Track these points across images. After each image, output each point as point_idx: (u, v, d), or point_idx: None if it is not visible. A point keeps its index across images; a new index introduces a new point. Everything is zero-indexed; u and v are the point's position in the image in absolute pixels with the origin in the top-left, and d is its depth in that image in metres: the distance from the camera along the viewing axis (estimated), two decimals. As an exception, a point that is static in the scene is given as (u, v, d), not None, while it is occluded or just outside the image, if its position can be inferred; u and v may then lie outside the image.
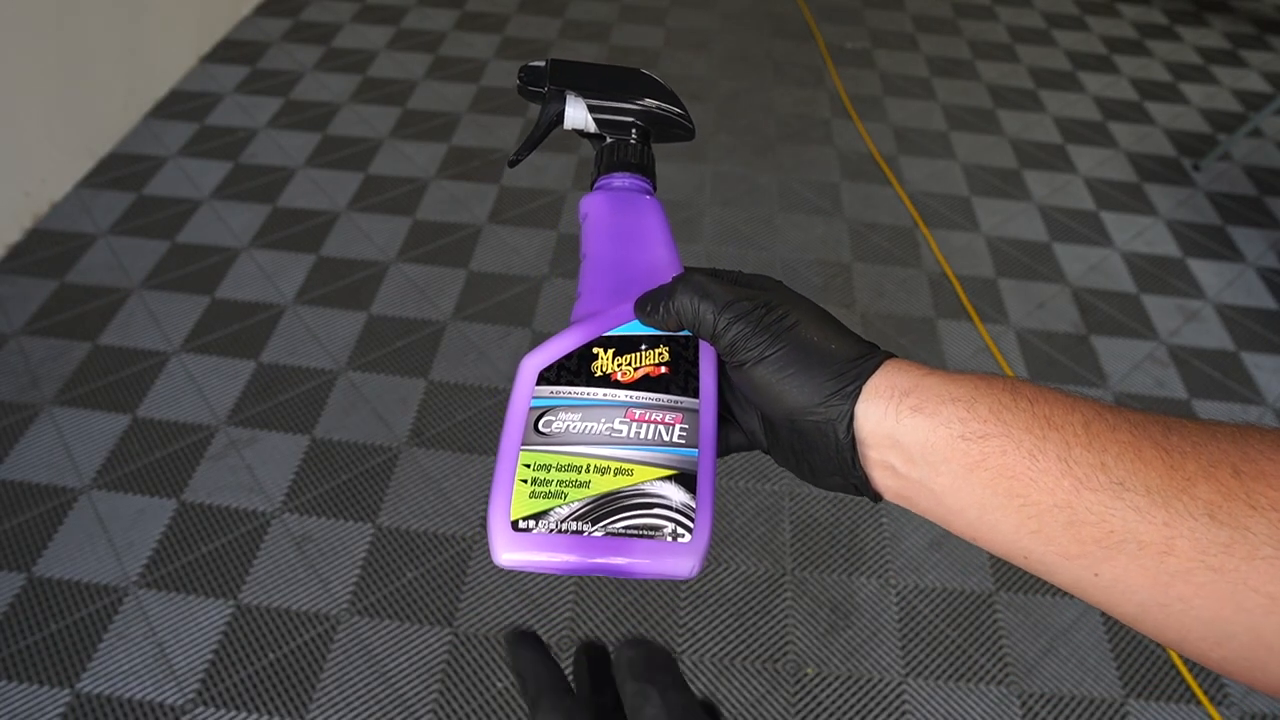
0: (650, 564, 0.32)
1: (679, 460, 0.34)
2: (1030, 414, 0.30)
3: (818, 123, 2.38)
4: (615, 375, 0.35)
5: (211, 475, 1.41)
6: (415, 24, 2.72)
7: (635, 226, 0.40)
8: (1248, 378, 1.71)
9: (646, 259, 0.39)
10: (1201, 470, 0.26)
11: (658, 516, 0.33)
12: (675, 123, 0.43)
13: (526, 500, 0.33)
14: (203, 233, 1.88)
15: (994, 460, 0.29)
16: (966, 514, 0.30)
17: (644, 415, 0.35)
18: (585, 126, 0.42)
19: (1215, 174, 2.29)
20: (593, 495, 0.33)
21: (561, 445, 0.34)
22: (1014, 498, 0.29)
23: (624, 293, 0.38)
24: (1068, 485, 0.28)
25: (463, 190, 2.05)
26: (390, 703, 1.16)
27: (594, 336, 0.36)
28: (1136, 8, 3.15)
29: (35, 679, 1.15)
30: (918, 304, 1.83)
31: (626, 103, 0.42)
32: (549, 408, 0.35)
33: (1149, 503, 0.26)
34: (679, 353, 0.36)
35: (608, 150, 0.42)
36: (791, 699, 1.19)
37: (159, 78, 2.29)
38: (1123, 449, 0.28)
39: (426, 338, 1.67)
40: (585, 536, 0.32)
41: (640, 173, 0.41)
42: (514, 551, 0.32)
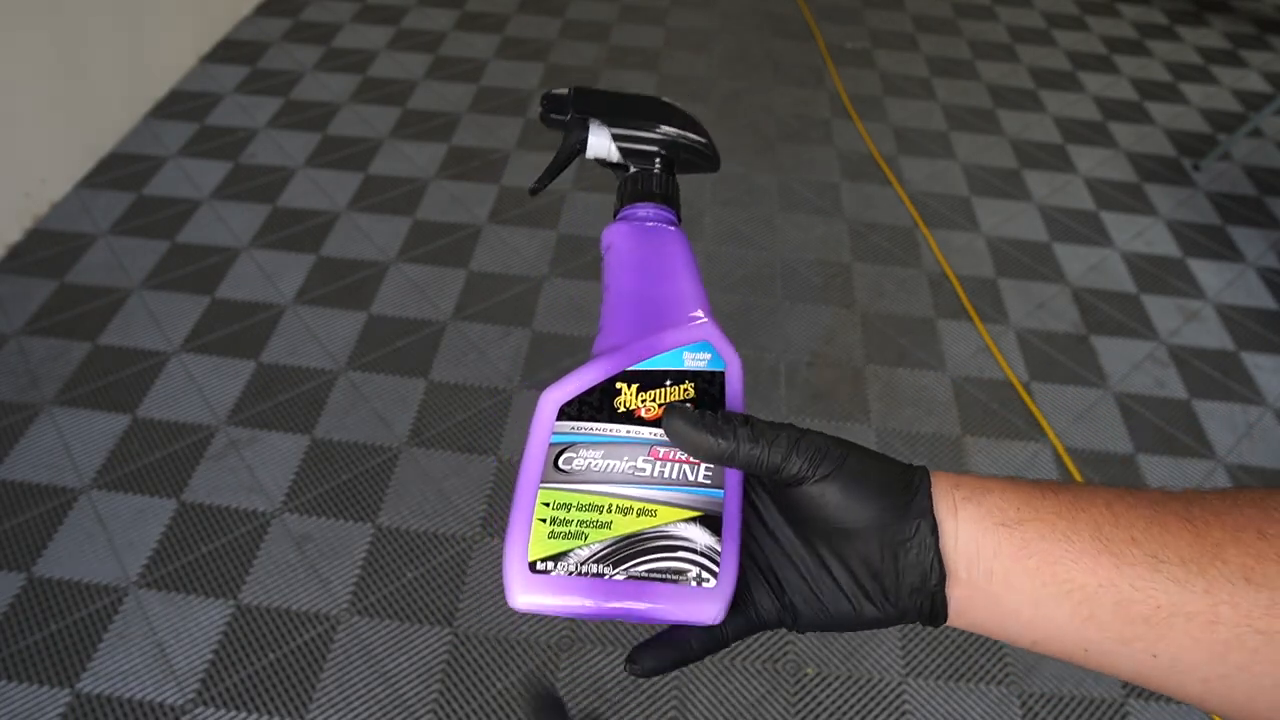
0: (673, 610, 0.31)
1: (704, 501, 0.32)
2: (1056, 499, 0.31)
3: (818, 123, 2.38)
4: (639, 411, 0.34)
5: (211, 475, 1.41)
6: (415, 24, 2.72)
7: (659, 258, 0.39)
8: (1248, 378, 1.71)
9: (671, 292, 0.39)
10: (1228, 536, 0.27)
11: (682, 560, 0.31)
12: (699, 152, 0.42)
13: (545, 540, 0.32)
14: (203, 233, 1.88)
15: (1035, 545, 0.30)
16: (1022, 613, 0.30)
17: (668, 454, 0.33)
18: (608, 156, 0.42)
19: (1215, 174, 2.29)
20: (615, 536, 0.32)
21: (582, 484, 0.33)
22: (1061, 584, 0.29)
23: (648, 326, 0.37)
24: (1107, 563, 0.28)
25: (463, 190, 2.05)
26: (390, 703, 1.16)
27: (617, 371, 0.35)
28: (1136, 8, 3.15)
29: (35, 679, 1.15)
30: (918, 304, 1.82)
31: (651, 132, 0.41)
32: (570, 444, 0.34)
33: (1185, 572, 0.27)
34: (704, 389, 0.35)
35: (631, 180, 0.41)
36: (791, 699, 1.19)
37: (159, 78, 2.29)
38: (1148, 523, 0.29)
39: (426, 338, 1.67)
40: (606, 580, 0.31)
41: (664, 203, 0.41)
42: (531, 594, 0.31)
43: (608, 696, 1.18)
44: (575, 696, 1.18)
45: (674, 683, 1.20)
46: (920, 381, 1.66)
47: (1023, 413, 1.61)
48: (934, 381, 1.66)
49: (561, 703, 0.28)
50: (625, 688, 1.19)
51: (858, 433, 1.55)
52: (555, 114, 0.42)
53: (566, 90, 0.42)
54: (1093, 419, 1.60)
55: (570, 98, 0.42)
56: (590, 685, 1.19)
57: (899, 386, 1.64)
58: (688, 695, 1.18)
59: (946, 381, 1.66)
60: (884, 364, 1.69)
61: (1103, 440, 1.57)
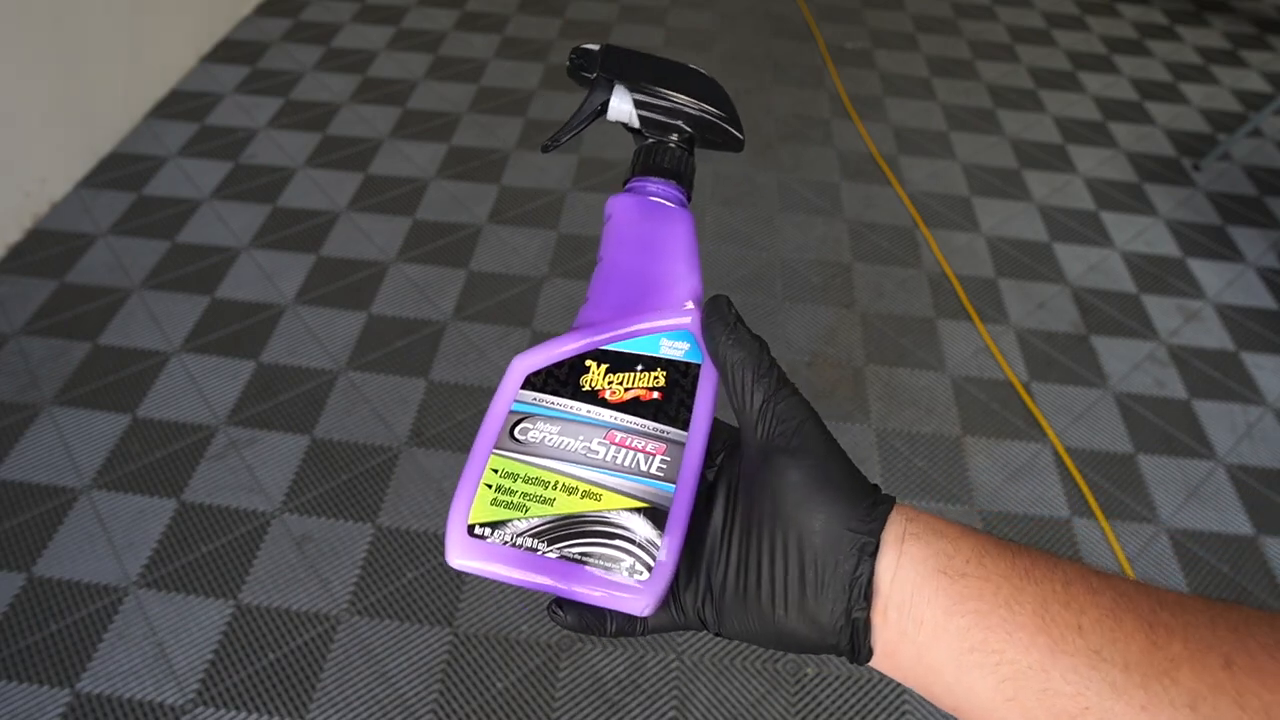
0: (601, 596, 0.31)
1: (653, 493, 0.32)
2: (1011, 565, 0.28)
3: (818, 123, 2.38)
4: (604, 393, 0.34)
5: (211, 475, 1.41)
6: (415, 24, 2.72)
7: (660, 237, 0.38)
8: (1248, 378, 1.71)
9: (665, 273, 0.37)
10: (1189, 654, 0.24)
11: (618, 549, 0.31)
12: (724, 130, 0.40)
13: (487, 506, 0.32)
14: (203, 233, 1.88)
15: (971, 604, 0.27)
16: (945, 674, 0.28)
17: (625, 440, 0.33)
18: (629, 121, 0.40)
19: (1215, 174, 2.29)
20: (555, 514, 0.32)
21: (533, 456, 0.33)
22: (990, 653, 0.27)
23: (634, 305, 0.36)
24: (1043, 644, 0.26)
25: (463, 190, 2.05)
26: (390, 703, 1.16)
27: (590, 348, 0.35)
28: (1136, 8, 3.15)
29: (35, 679, 1.15)
30: (918, 304, 1.83)
31: (675, 103, 0.39)
32: (529, 414, 0.34)
33: (1126, 680, 0.24)
34: (676, 380, 0.34)
35: (645, 151, 0.39)
36: (791, 699, 1.19)
37: (159, 78, 2.29)
38: (1102, 614, 0.26)
39: (426, 338, 1.67)
40: (538, 555, 0.31)
41: (676, 180, 0.39)
42: (465, 557, 0.31)
43: (608, 696, 1.18)
44: (575, 696, 1.18)
45: (674, 683, 1.20)
46: (920, 381, 1.66)
47: (1023, 413, 1.61)
48: (934, 381, 1.66)
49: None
50: (625, 688, 1.19)
51: (858, 433, 1.55)
52: (583, 70, 0.40)
53: (597, 46, 0.40)
54: (1093, 419, 1.60)
55: (599, 55, 0.40)
56: (590, 685, 1.19)
57: (899, 386, 1.64)
58: (688, 695, 1.18)
59: (946, 381, 1.66)
60: (884, 364, 1.69)
61: (1103, 440, 1.57)
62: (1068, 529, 1.42)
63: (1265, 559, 1.40)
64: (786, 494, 0.31)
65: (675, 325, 0.36)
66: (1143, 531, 1.43)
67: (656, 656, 1.22)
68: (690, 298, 0.37)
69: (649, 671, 1.21)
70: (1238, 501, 1.48)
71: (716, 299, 0.35)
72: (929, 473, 1.49)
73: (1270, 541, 1.42)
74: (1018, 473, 1.50)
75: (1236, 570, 1.38)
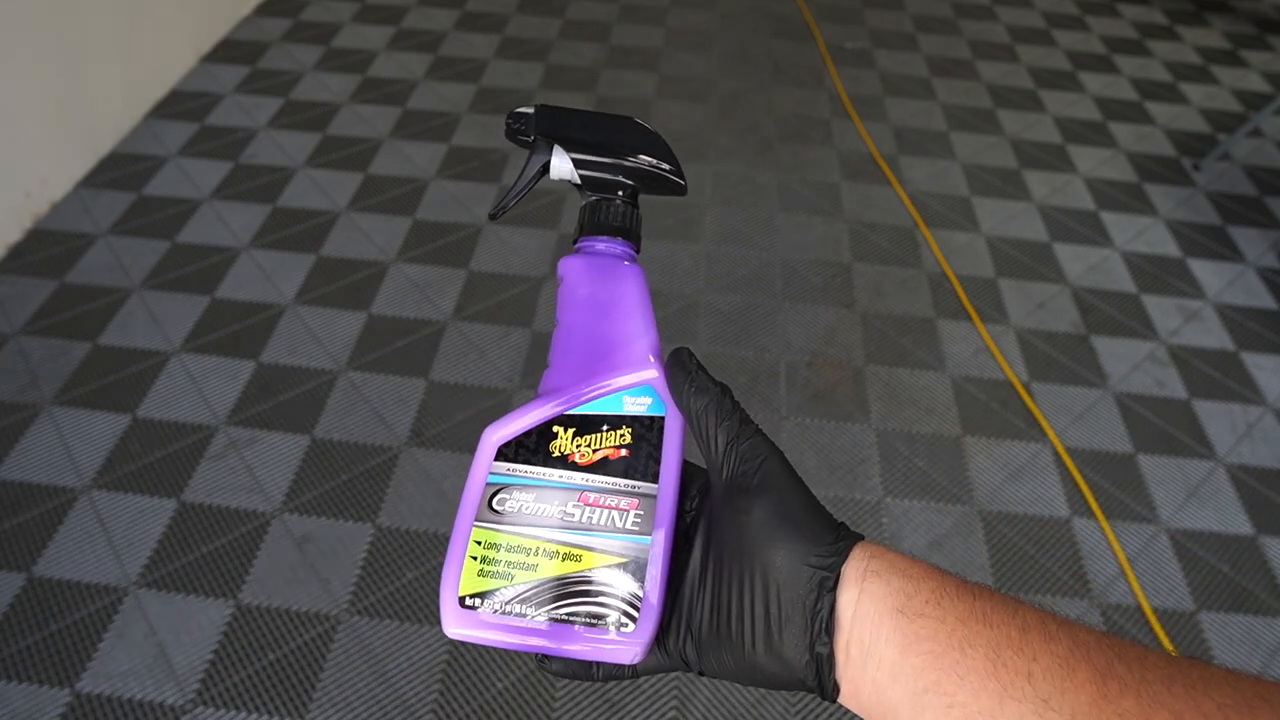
0: (591, 651, 0.32)
1: (631, 548, 0.33)
2: (969, 608, 0.28)
3: (818, 123, 2.38)
4: (573, 456, 0.35)
5: (211, 475, 1.41)
6: (415, 24, 2.72)
7: (613, 296, 0.38)
8: (1248, 378, 1.71)
9: (621, 331, 0.38)
10: (1139, 710, 0.24)
11: (603, 605, 0.32)
12: (664, 181, 0.41)
13: (475, 578, 0.33)
14: (203, 233, 1.88)
15: (925, 645, 0.27)
16: (900, 713, 0.28)
17: (598, 500, 0.34)
18: (571, 178, 0.40)
19: (1215, 174, 2.29)
20: (538, 579, 0.33)
21: (514, 526, 0.34)
22: (943, 695, 0.27)
23: (593, 368, 0.37)
24: (993, 689, 0.26)
25: (463, 190, 2.05)
26: (390, 703, 1.16)
27: (556, 414, 0.36)
28: (1136, 8, 3.15)
29: (35, 679, 1.15)
30: (918, 304, 1.83)
31: (614, 158, 0.40)
32: (504, 485, 0.35)
33: None
34: (642, 435, 0.36)
35: (590, 209, 0.40)
36: (792, 699, 1.19)
37: (159, 78, 2.29)
38: (1054, 661, 0.26)
39: (426, 338, 1.67)
40: (528, 620, 0.33)
41: (623, 236, 0.39)
42: (460, 628, 0.33)
43: (608, 697, 1.18)
44: (575, 696, 1.18)
45: (674, 683, 1.20)
46: (920, 381, 1.66)
47: (1023, 413, 1.61)
48: (934, 381, 1.66)
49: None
50: (625, 688, 1.19)
51: (858, 433, 1.55)
52: (520, 134, 0.40)
53: (531, 109, 0.41)
54: (1093, 419, 1.60)
55: (534, 118, 0.40)
56: (590, 685, 1.19)
57: (899, 386, 1.64)
58: (688, 695, 1.18)
59: (946, 381, 1.66)
60: (884, 364, 1.69)
61: (1103, 440, 1.57)
62: (1068, 529, 1.42)
63: (1265, 559, 1.40)
64: (750, 531, 0.31)
65: (636, 382, 0.37)
66: (1143, 531, 1.43)
67: (656, 656, 1.22)
68: (649, 353, 0.37)
69: (649, 671, 1.21)
70: (1238, 501, 1.48)
71: (678, 351, 0.36)
72: (929, 473, 1.49)
73: (1270, 541, 1.42)
74: (1018, 473, 1.50)
75: (1236, 570, 1.38)
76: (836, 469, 1.49)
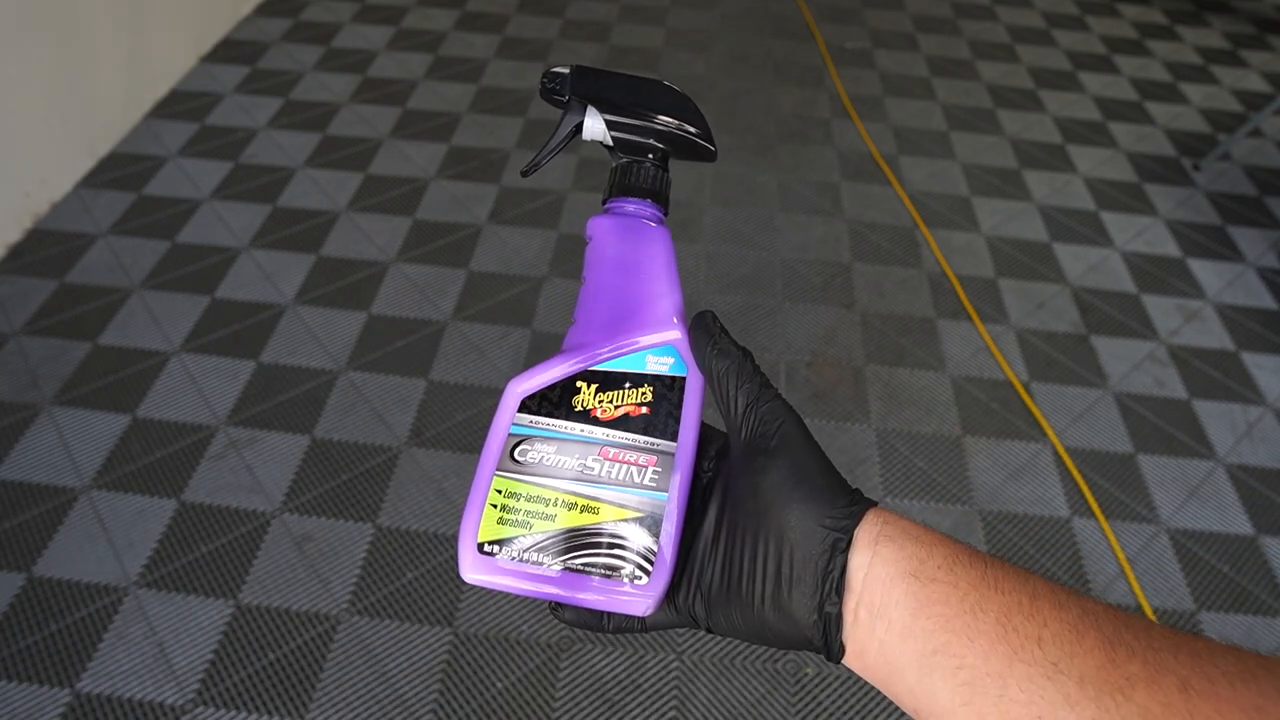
0: (604, 601, 0.33)
1: (647, 503, 0.34)
2: (981, 574, 0.29)
3: (818, 123, 2.38)
4: (595, 412, 0.36)
5: (211, 475, 1.41)
6: (415, 24, 2.72)
7: (640, 257, 0.39)
8: (1248, 378, 1.71)
9: (646, 292, 0.38)
10: (1146, 674, 0.24)
11: (618, 557, 0.33)
12: (695, 144, 0.41)
13: (494, 525, 0.34)
14: (203, 233, 1.88)
15: (937, 609, 0.28)
16: (908, 675, 0.28)
17: (618, 455, 0.35)
18: (604, 140, 0.40)
19: (1215, 174, 2.29)
20: (556, 529, 0.34)
21: (534, 476, 0.35)
22: (951, 656, 0.27)
23: (617, 326, 0.37)
24: (1003, 652, 0.26)
25: (463, 190, 2.05)
26: (390, 703, 1.16)
27: (579, 370, 0.36)
28: (1136, 8, 3.15)
29: (35, 679, 1.15)
30: (918, 304, 1.83)
31: (647, 121, 0.40)
32: (527, 436, 0.35)
33: (1080, 693, 0.25)
34: (663, 393, 0.36)
35: (621, 171, 0.40)
36: (791, 699, 1.19)
37: (159, 78, 2.29)
38: (1064, 627, 0.26)
39: (426, 338, 1.67)
40: (545, 568, 0.33)
41: (653, 199, 0.40)
42: (477, 573, 0.34)
43: (608, 697, 1.18)
44: (575, 696, 1.18)
45: (674, 683, 1.20)
46: (920, 381, 1.66)
47: (1023, 413, 1.61)
48: (934, 381, 1.66)
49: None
50: (625, 688, 1.19)
51: (858, 433, 1.55)
52: (554, 94, 0.41)
53: (567, 69, 0.41)
54: (1093, 419, 1.60)
55: (570, 78, 0.40)
56: (590, 685, 1.19)
57: (899, 386, 1.64)
58: (688, 695, 1.18)
59: (946, 381, 1.66)
60: (884, 364, 1.69)
61: (1103, 440, 1.57)
62: (1068, 529, 1.42)
63: (1265, 559, 1.40)
64: (766, 491, 0.32)
65: (660, 342, 0.37)
66: (1143, 531, 1.43)
67: (656, 656, 1.22)
68: (673, 314, 0.38)
69: (649, 671, 1.21)
70: (1238, 501, 1.48)
71: (702, 314, 0.36)
72: (929, 473, 1.49)
73: (1270, 541, 1.42)
74: (1018, 473, 1.50)
75: (1236, 570, 1.38)
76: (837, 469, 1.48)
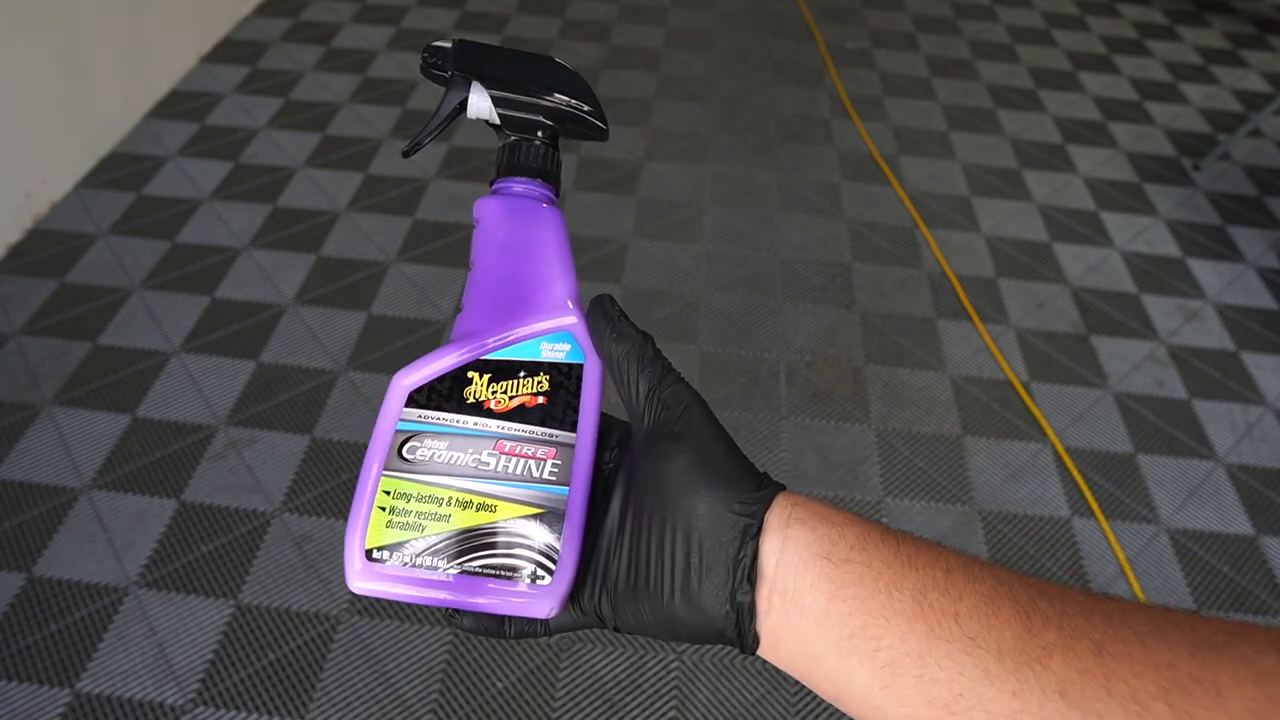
0: (505, 605, 0.31)
1: (547, 498, 0.32)
2: (894, 552, 0.28)
3: (818, 123, 2.38)
4: (489, 403, 0.34)
5: (211, 475, 1.41)
6: (415, 24, 2.72)
7: (529, 239, 0.37)
8: (1248, 378, 1.71)
9: (539, 275, 0.37)
10: (1061, 641, 0.24)
11: (517, 557, 0.31)
12: (586, 121, 0.39)
13: (383, 529, 0.32)
14: (203, 233, 1.88)
15: (852, 590, 0.27)
16: (826, 661, 0.28)
17: (514, 449, 0.33)
18: (490, 118, 0.39)
19: (1215, 174, 2.29)
20: (451, 530, 0.32)
21: (424, 474, 0.32)
22: (869, 639, 0.27)
23: (509, 311, 0.36)
24: (920, 630, 0.26)
25: (463, 190, 2.05)
26: (390, 703, 1.16)
27: (470, 359, 0.34)
28: (1136, 8, 3.15)
29: (35, 679, 1.15)
30: (918, 304, 1.83)
31: (535, 98, 0.38)
32: (415, 432, 0.33)
33: (1000, 667, 0.25)
34: (560, 383, 0.34)
35: (509, 149, 0.39)
36: (792, 699, 1.19)
37: (159, 78, 2.29)
38: (979, 601, 0.26)
39: (426, 338, 1.67)
40: (439, 573, 0.31)
41: (542, 178, 0.38)
42: (365, 581, 0.31)
43: (608, 697, 1.18)
44: (575, 696, 1.18)
45: (674, 683, 1.20)
46: (920, 381, 1.66)
47: (1023, 413, 1.61)
48: (934, 381, 1.66)
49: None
50: (625, 688, 1.19)
51: (857, 433, 1.55)
52: (436, 69, 0.39)
53: (449, 44, 0.39)
54: (1093, 419, 1.61)
55: (452, 53, 0.39)
56: (590, 685, 1.19)
57: (899, 386, 1.64)
58: (688, 695, 1.18)
59: (946, 381, 1.66)
60: (884, 364, 1.69)
61: (1103, 440, 1.57)
62: (1068, 529, 1.42)
63: (1265, 559, 1.40)
64: (671, 478, 0.30)
65: (555, 328, 0.36)
66: (1143, 531, 1.43)
67: (656, 656, 1.22)
68: (567, 298, 0.36)
69: (649, 671, 1.21)
70: (1238, 501, 1.48)
71: (600, 298, 0.35)
72: (929, 473, 1.49)
73: (1270, 541, 1.42)
74: (1018, 473, 1.50)
75: (1236, 570, 1.38)
76: (836, 469, 1.49)
